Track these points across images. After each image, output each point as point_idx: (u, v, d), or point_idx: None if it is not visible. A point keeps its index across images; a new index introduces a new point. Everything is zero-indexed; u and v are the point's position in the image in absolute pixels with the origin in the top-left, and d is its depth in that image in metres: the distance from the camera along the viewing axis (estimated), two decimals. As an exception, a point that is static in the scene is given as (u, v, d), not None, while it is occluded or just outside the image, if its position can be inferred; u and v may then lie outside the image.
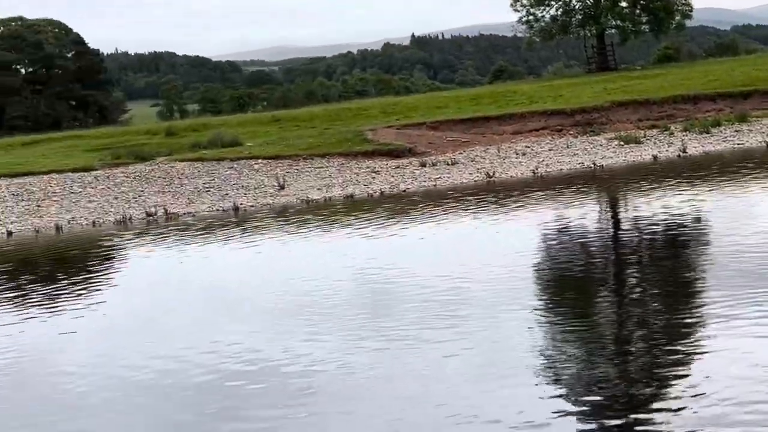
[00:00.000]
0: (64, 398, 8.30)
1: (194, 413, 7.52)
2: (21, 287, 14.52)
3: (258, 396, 7.78)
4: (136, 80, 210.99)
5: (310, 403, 7.45)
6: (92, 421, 7.63)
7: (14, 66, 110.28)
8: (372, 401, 7.36)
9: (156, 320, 11.41)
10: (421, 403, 7.16)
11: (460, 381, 7.59)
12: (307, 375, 8.20)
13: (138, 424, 7.45)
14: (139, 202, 25.14)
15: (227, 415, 7.35)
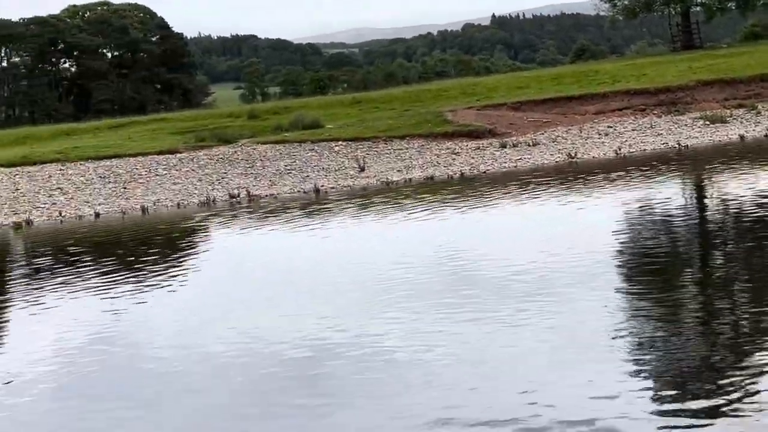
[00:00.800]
0: (147, 376, 8.47)
1: (276, 391, 7.62)
2: (108, 267, 14.85)
3: (338, 373, 7.85)
4: (219, 64, 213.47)
5: (389, 381, 7.49)
6: (172, 399, 7.79)
7: (101, 50, 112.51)
8: (451, 381, 7.36)
9: (238, 299, 11.57)
10: (500, 383, 7.15)
11: (539, 362, 7.55)
12: (387, 353, 8.24)
13: (218, 403, 7.58)
14: (223, 184, 25.49)
15: (306, 393, 7.44)
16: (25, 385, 8.54)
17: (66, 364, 9.11)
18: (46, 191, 26.58)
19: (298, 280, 12.44)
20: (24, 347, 10.05)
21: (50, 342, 10.03)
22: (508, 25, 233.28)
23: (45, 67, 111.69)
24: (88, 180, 27.99)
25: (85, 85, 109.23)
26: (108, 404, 7.79)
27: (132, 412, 7.48)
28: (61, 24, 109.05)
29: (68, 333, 10.35)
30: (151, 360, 8.97)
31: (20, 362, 9.33)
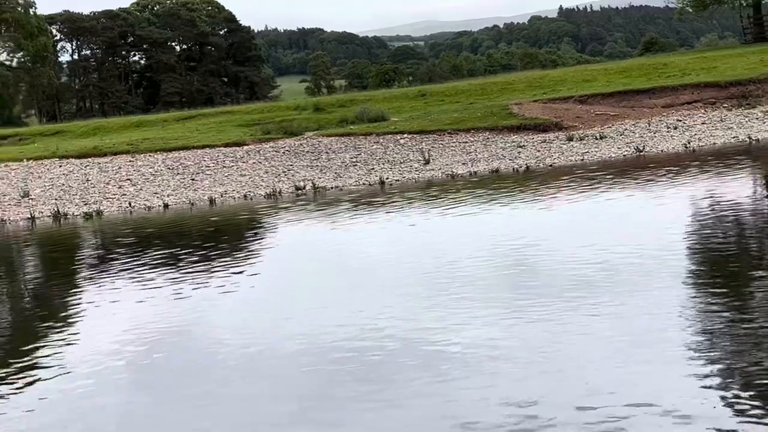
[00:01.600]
0: (209, 366, 8.58)
1: (337, 383, 7.67)
2: (176, 257, 15.06)
3: (398, 366, 7.87)
4: (285, 56, 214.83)
5: (447, 373, 7.49)
6: (229, 390, 7.88)
7: (169, 43, 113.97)
8: (512, 374, 7.35)
9: (303, 291, 11.66)
10: (562, 378, 7.12)
11: (602, 358, 7.50)
12: (446, 345, 8.25)
13: (279, 393, 7.65)
14: (288, 176, 25.67)
15: (367, 386, 7.47)
16: (88, 373, 8.71)
17: (131, 353, 9.27)
18: (116, 182, 27.03)
19: (364, 273, 12.48)
20: (91, 336, 10.24)
21: (116, 331, 10.20)
22: (576, 17, 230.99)
23: (115, 60, 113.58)
24: (157, 171, 28.40)
25: (154, 77, 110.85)
26: (169, 394, 7.92)
27: (192, 402, 7.58)
28: (131, 17, 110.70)
29: (134, 323, 10.52)
30: (215, 351, 9.08)
31: (86, 351, 9.51)
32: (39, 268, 16.57)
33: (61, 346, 9.87)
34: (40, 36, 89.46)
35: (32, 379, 8.71)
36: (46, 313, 11.92)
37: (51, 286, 14.23)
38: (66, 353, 9.51)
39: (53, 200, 24.53)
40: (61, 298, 13.08)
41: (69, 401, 7.93)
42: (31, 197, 25.36)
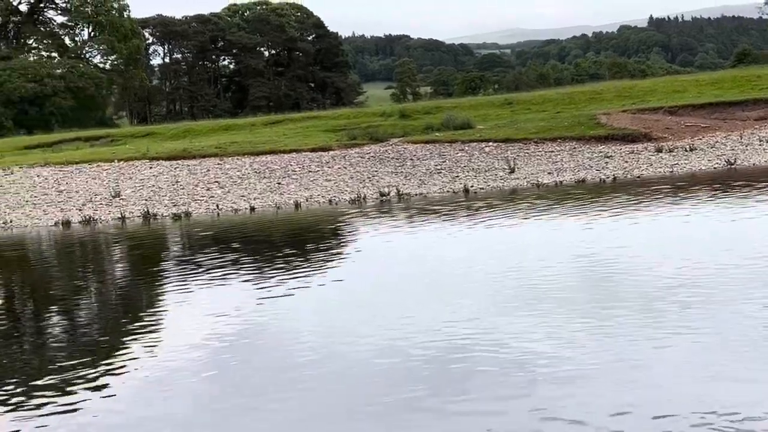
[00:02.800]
0: (287, 370, 8.66)
1: (409, 392, 7.67)
2: (260, 259, 15.25)
3: (476, 375, 7.84)
4: (372, 63, 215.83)
5: (528, 384, 7.45)
6: (307, 394, 7.94)
7: (258, 48, 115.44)
8: (593, 387, 7.27)
9: (383, 296, 11.69)
10: (643, 392, 7.01)
11: (682, 373, 7.37)
12: (526, 356, 8.20)
13: (352, 399, 7.68)
14: (373, 182, 25.79)
15: (445, 397, 7.46)
16: (166, 372, 8.87)
17: (211, 352, 9.41)
18: (204, 184, 27.48)
19: (445, 279, 12.47)
20: (173, 335, 10.42)
21: (197, 331, 10.37)
22: (666, 27, 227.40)
23: (205, 64, 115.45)
24: (244, 175, 28.79)
25: (243, 81, 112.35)
26: (245, 395, 8.02)
27: (269, 405, 7.67)
28: (222, 22, 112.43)
29: (216, 323, 10.68)
30: (293, 354, 9.16)
31: (167, 349, 9.68)
32: (127, 267, 16.93)
33: (144, 343, 10.07)
34: (133, 39, 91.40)
35: (112, 373, 8.91)
36: (132, 312, 12.18)
37: (138, 284, 14.53)
38: (147, 351, 9.70)
39: (143, 201, 25.04)
40: (147, 296, 13.36)
41: (145, 399, 8.08)
42: (122, 197, 25.93)
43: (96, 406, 7.97)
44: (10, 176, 32.67)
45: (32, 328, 11.82)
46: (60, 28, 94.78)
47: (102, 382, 8.65)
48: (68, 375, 9.01)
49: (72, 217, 23.05)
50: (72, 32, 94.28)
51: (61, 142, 46.66)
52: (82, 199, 26.17)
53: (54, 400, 8.18)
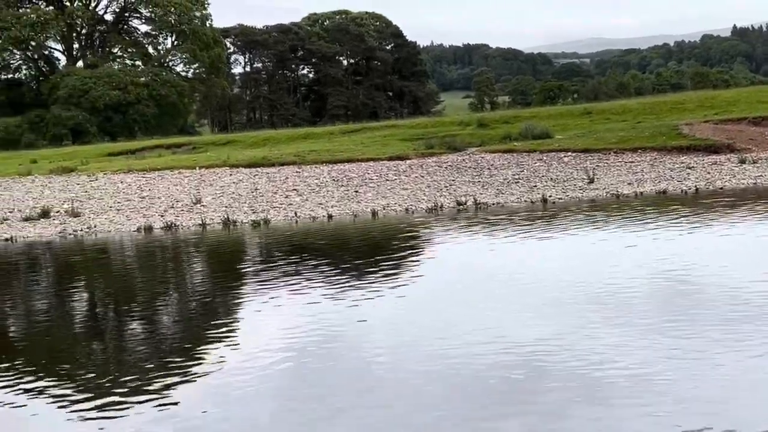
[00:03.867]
0: (364, 378, 8.70)
1: (479, 406, 7.64)
2: (337, 267, 15.35)
3: (546, 389, 7.79)
4: (450, 72, 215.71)
5: (603, 398, 7.37)
6: (383, 402, 7.96)
7: (337, 57, 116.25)
8: (669, 402, 7.16)
9: (457, 306, 11.66)
10: (722, 409, 6.89)
11: (761, 388, 7.24)
12: (600, 370, 8.12)
13: (429, 410, 7.68)
14: (450, 191, 25.76)
15: (511, 409, 7.42)
16: (244, 376, 8.98)
17: (286, 359, 9.50)
18: (283, 192, 27.75)
19: (519, 291, 12.41)
20: (250, 341, 10.54)
21: (273, 337, 10.48)
22: (750, 36, 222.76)
23: (285, 73, 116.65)
24: (322, 183, 29.02)
25: (322, 90, 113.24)
26: (323, 402, 8.08)
27: (346, 413, 7.71)
28: (302, 32, 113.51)
29: (291, 330, 10.77)
30: (372, 361, 9.21)
31: (244, 355, 9.80)
32: (207, 273, 17.19)
33: (222, 348, 10.22)
34: (214, 48, 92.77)
35: (191, 378, 9.05)
36: (211, 317, 12.36)
37: (218, 290, 14.74)
38: (226, 356, 9.83)
39: (223, 208, 25.39)
40: (226, 302, 13.56)
41: (224, 405, 8.19)
42: (203, 204, 26.32)
43: (176, 410, 8.11)
44: (95, 182, 33.43)
45: (115, 331, 12.07)
46: (144, 37, 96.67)
47: (181, 387, 8.80)
48: (149, 378, 9.18)
49: (154, 222, 23.48)
50: (155, 41, 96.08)
51: (143, 149, 47.61)
52: (164, 206, 26.65)
53: (134, 402, 8.35)
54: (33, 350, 11.00)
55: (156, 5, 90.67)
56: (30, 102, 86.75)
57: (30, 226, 24.29)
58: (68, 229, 23.43)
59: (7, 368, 9.94)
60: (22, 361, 10.24)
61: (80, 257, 19.76)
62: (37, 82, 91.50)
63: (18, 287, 16.49)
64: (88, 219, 24.95)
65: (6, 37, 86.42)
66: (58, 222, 24.72)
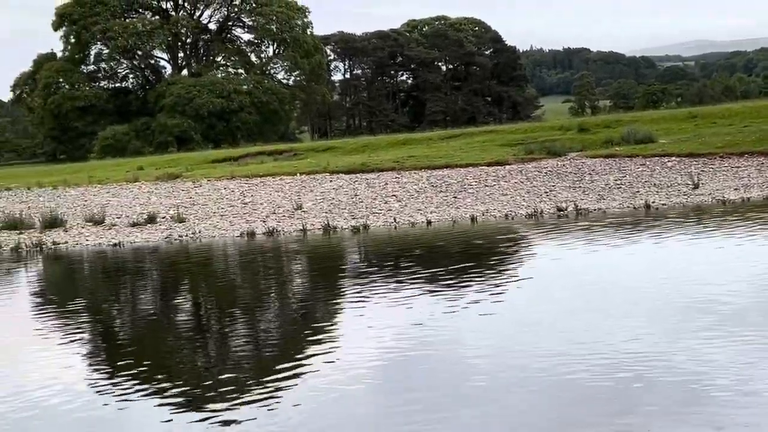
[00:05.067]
0: (460, 386, 8.69)
1: (586, 413, 7.56)
2: (435, 272, 15.36)
3: (649, 398, 7.66)
4: (549, 76, 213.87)
5: (705, 411, 7.22)
6: (480, 411, 7.94)
7: (436, 63, 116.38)
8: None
9: (556, 313, 11.56)
10: None
11: None
12: (702, 381, 7.95)
13: (519, 417, 7.63)
14: (550, 197, 25.53)
15: (617, 419, 7.33)
16: (346, 382, 9.06)
17: (383, 364, 9.55)
18: (382, 198, 27.89)
19: (620, 298, 12.23)
20: (351, 345, 10.63)
21: (370, 342, 10.55)
22: None
23: (384, 79, 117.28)
24: (421, 188, 29.07)
25: (420, 96, 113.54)
26: (420, 408, 8.10)
27: (442, 421, 7.71)
28: (401, 38, 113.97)
29: (393, 334, 10.84)
30: (469, 368, 9.19)
31: (345, 360, 9.89)
32: (307, 277, 17.39)
33: (320, 353, 10.32)
34: (315, 55, 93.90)
35: (288, 382, 9.17)
36: (310, 321, 12.51)
37: (317, 294, 14.92)
38: (324, 361, 9.93)
39: (323, 213, 25.65)
40: (325, 307, 13.71)
41: (322, 409, 8.28)
42: (303, 210, 26.64)
43: (273, 410, 8.24)
44: (199, 188, 34.15)
45: (216, 335, 12.32)
46: (246, 46, 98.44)
47: (278, 391, 8.93)
48: (248, 378, 9.35)
49: (256, 228, 23.85)
50: (258, 49, 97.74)
51: (246, 155, 48.41)
52: (265, 211, 27.05)
53: (232, 405, 8.51)
54: (140, 350, 11.30)
55: (258, 14, 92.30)
56: (137, 110, 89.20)
57: (137, 231, 24.94)
58: (174, 235, 23.98)
59: (116, 368, 10.24)
60: (129, 361, 10.53)
61: (185, 262, 20.21)
62: (143, 91, 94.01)
63: (126, 290, 16.96)
64: (193, 224, 25.48)
65: (113, 46, 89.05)
66: (164, 227, 25.32)
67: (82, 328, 13.01)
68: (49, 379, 9.85)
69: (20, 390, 9.53)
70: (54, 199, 34.97)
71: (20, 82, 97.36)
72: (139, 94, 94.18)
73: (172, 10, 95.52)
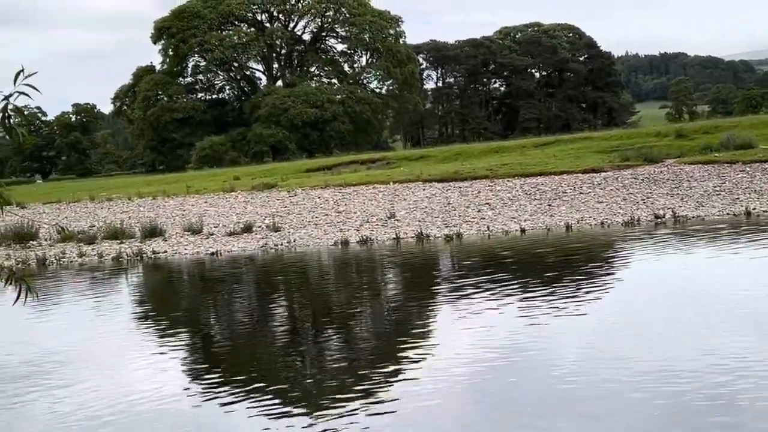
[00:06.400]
0: (553, 394, 8.61)
1: (678, 426, 7.42)
2: (529, 281, 15.26)
3: (750, 411, 7.49)
4: (645, 82, 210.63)
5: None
6: (571, 421, 7.85)
7: (529, 70, 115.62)
8: None
9: (653, 323, 11.36)
10: None
11: None
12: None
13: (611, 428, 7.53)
14: (647, 204, 25.14)
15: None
16: (439, 389, 9.06)
17: (480, 372, 9.53)
18: (475, 206, 27.82)
19: (725, 310, 11.96)
20: (444, 353, 10.64)
21: (463, 350, 10.54)
22: None
23: (476, 87, 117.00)
24: (515, 196, 28.91)
25: (513, 103, 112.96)
26: (516, 417, 8.05)
27: (528, 425, 7.67)
28: (493, 45, 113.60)
29: (486, 342, 10.81)
30: (562, 377, 9.11)
31: (438, 367, 9.90)
32: (401, 286, 17.45)
33: (414, 360, 10.35)
34: (408, 64, 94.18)
35: (381, 389, 9.22)
36: (404, 327, 12.56)
37: (411, 302, 14.95)
38: (417, 368, 9.96)
39: (416, 222, 25.70)
40: (419, 314, 13.74)
41: (414, 416, 8.30)
42: (397, 218, 26.73)
43: (368, 422, 8.29)
44: (294, 197, 34.56)
45: (313, 342, 12.45)
46: (340, 56, 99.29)
47: (374, 400, 8.99)
48: (342, 385, 9.43)
49: (350, 236, 24.02)
50: (351, 59, 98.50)
51: (339, 164, 48.82)
52: (359, 220, 27.22)
53: (329, 414, 8.59)
54: (239, 357, 11.49)
55: (352, 24, 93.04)
56: (233, 121, 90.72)
57: (233, 241, 25.34)
58: (269, 243, 24.30)
59: (216, 374, 10.44)
60: (229, 368, 10.72)
61: (281, 270, 20.46)
62: (239, 102, 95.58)
63: (224, 299, 17.26)
64: (288, 233, 25.79)
65: (210, 58, 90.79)
66: (260, 236, 25.67)
67: (182, 336, 13.30)
68: (151, 385, 10.09)
69: (125, 394, 9.79)
70: (153, 209, 35.78)
71: (120, 95, 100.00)
72: (235, 105, 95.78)
73: (267, 22, 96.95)
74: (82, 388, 10.23)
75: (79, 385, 10.43)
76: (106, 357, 12.21)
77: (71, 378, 10.82)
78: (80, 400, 9.66)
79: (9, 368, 11.69)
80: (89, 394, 9.95)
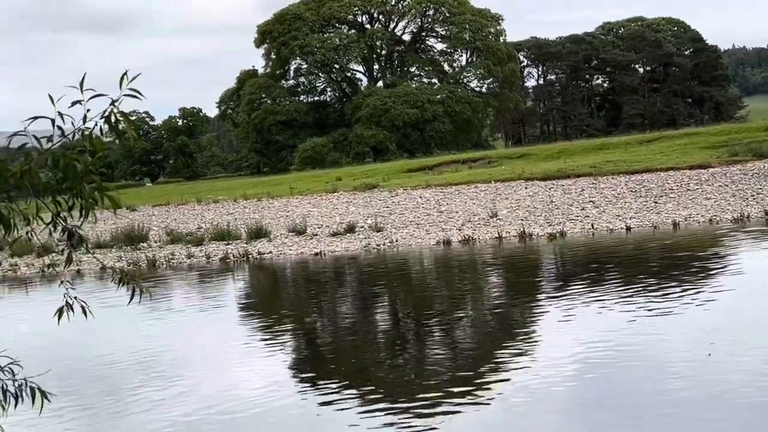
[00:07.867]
0: (658, 394, 8.47)
1: None
2: (634, 280, 15.02)
3: None
4: (753, 75, 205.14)
5: None
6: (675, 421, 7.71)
7: (633, 65, 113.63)
8: None
9: (758, 326, 11.09)
10: None
11: None
12: None
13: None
14: (758, 200, 24.50)
15: None
16: (540, 389, 9.00)
17: (583, 372, 9.44)
18: (579, 204, 27.50)
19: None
20: (547, 352, 10.58)
21: (571, 349, 10.45)
22: None
23: (578, 84, 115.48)
24: (619, 194, 28.48)
25: (616, 99, 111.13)
26: (617, 417, 7.95)
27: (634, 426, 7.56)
28: (596, 41, 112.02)
29: (590, 342, 10.70)
30: (667, 377, 8.96)
31: (538, 363, 9.84)
32: (504, 285, 17.37)
33: (515, 360, 10.31)
34: (508, 62, 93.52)
35: (483, 388, 9.20)
36: (507, 326, 12.53)
37: (514, 302, 14.88)
38: (519, 367, 9.92)
39: (519, 221, 25.54)
40: (521, 314, 13.68)
41: (513, 417, 8.27)
42: (499, 218, 26.60)
43: (468, 423, 8.30)
44: (395, 198, 34.69)
45: (415, 339, 12.50)
46: (440, 55, 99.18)
47: (468, 397, 8.99)
48: (442, 383, 9.46)
49: (452, 236, 24.00)
50: (451, 58, 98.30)
51: (440, 164, 48.80)
52: (461, 220, 27.17)
53: (430, 413, 8.63)
54: (342, 356, 11.62)
55: (452, 23, 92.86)
56: (334, 122, 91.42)
57: (337, 241, 25.57)
58: (372, 244, 24.44)
59: (319, 372, 10.58)
60: (332, 366, 10.86)
61: (384, 270, 20.58)
62: (340, 103, 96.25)
63: (328, 298, 17.46)
64: (390, 233, 25.90)
65: (312, 61, 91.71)
66: (362, 236, 25.84)
67: (288, 334, 13.50)
68: (257, 382, 10.28)
69: (230, 390, 10.01)
70: (258, 211, 36.34)
71: (225, 99, 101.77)
72: (336, 106, 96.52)
73: (368, 23, 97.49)
74: (190, 384, 10.48)
75: (187, 381, 10.70)
76: (215, 354, 12.49)
77: (181, 375, 11.09)
78: (192, 395, 9.90)
79: (132, 364, 12.05)
80: (199, 388, 10.20)
